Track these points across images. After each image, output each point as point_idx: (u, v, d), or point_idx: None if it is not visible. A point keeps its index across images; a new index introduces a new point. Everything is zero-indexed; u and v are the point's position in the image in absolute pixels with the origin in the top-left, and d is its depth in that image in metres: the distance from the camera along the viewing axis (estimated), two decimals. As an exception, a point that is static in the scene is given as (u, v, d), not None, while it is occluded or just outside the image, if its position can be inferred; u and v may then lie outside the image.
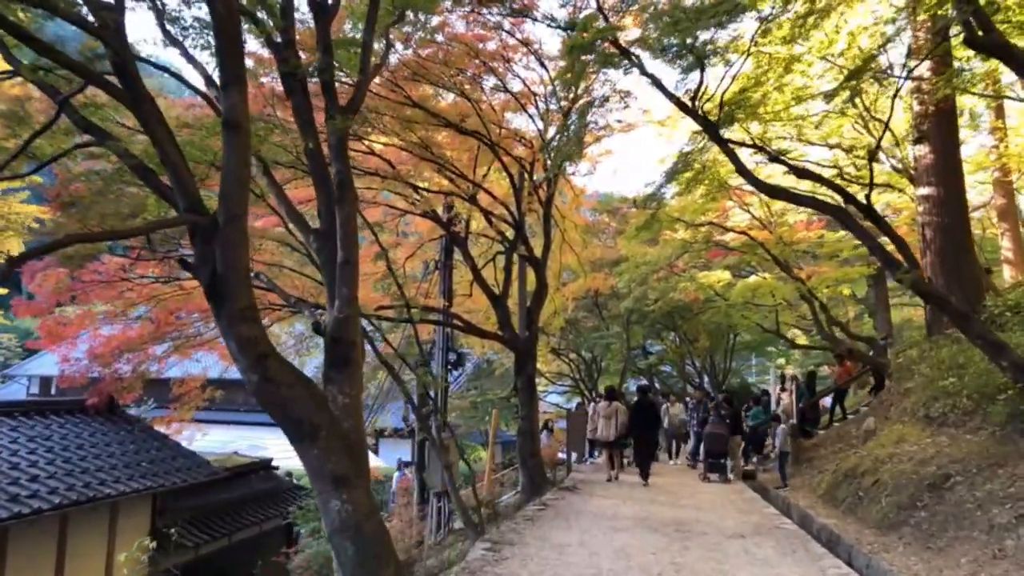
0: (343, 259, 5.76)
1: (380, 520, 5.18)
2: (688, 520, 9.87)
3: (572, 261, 18.26)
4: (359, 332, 5.76)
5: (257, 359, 4.69)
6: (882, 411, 14.93)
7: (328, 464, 4.87)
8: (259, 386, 4.76)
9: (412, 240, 17.06)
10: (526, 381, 13.11)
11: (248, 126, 4.75)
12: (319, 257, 6.08)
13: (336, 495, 4.83)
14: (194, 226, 4.65)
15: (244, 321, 4.67)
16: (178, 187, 4.57)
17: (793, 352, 37.75)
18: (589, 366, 26.12)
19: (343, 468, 4.91)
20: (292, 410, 4.83)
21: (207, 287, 4.62)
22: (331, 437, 4.91)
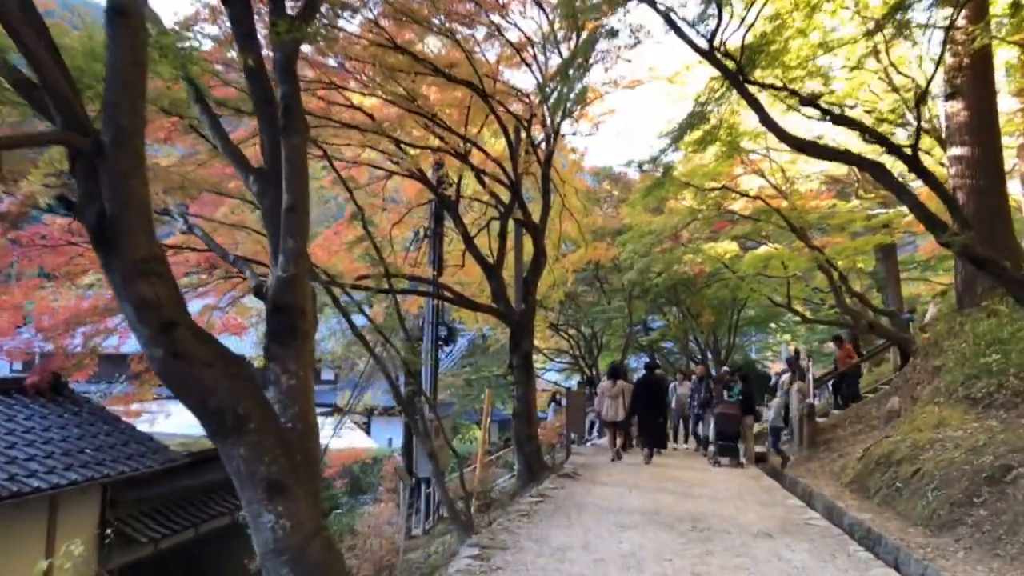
0: (289, 204, 4.56)
1: (329, 540, 4.03)
2: (704, 514, 8.75)
3: (572, 230, 17.04)
4: (309, 296, 4.57)
5: (161, 328, 3.52)
6: (907, 390, 13.82)
7: (260, 467, 3.70)
8: (165, 364, 3.59)
9: (401, 207, 15.81)
10: (522, 358, 11.95)
11: (141, 15, 3.53)
12: (261, 204, 4.88)
13: (270, 507, 3.68)
14: (72, 150, 3.44)
15: (144, 277, 3.48)
16: (48, 93, 3.36)
17: (797, 328, 36.83)
18: (589, 342, 24.97)
19: (280, 472, 3.74)
20: (211, 397, 3.66)
21: (92, 231, 3.43)
22: (264, 431, 3.74)
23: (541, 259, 12.38)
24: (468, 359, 25.77)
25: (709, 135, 11.38)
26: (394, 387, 8.64)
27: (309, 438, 4.35)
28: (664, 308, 28.16)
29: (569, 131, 15.42)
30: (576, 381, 26.02)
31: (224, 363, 3.74)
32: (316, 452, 4.38)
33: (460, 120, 12.79)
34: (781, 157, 18.55)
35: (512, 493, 11.96)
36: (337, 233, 15.11)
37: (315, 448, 4.36)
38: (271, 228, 4.71)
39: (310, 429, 4.40)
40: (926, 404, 11.38)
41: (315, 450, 4.35)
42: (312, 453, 4.31)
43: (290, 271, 4.43)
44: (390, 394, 24.30)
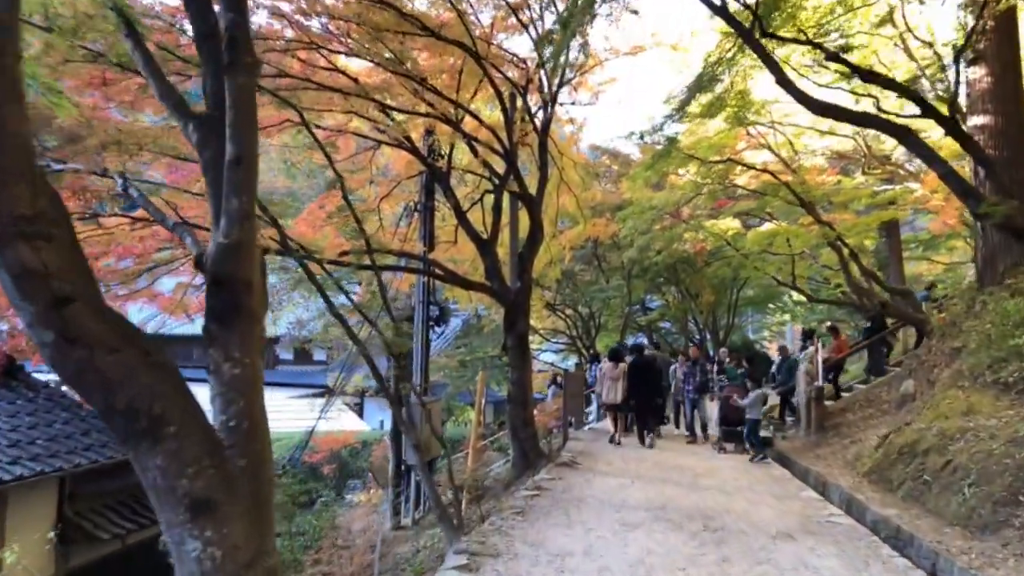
0: (233, 155, 3.75)
1: (274, 569, 3.25)
2: (716, 510, 8.03)
3: (570, 204, 16.21)
4: (257, 267, 3.77)
5: (51, 305, 2.73)
6: (923, 373, 13.09)
7: (180, 480, 2.91)
8: (57, 351, 2.80)
9: (390, 180, 14.95)
10: (517, 339, 11.19)
11: None
12: (201, 157, 4.05)
13: (194, 531, 2.90)
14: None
15: (26, 240, 2.69)
16: None
17: (796, 308, 36.17)
18: (587, 322, 24.20)
19: (208, 486, 2.96)
20: (117, 392, 2.87)
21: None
22: (187, 435, 2.96)
23: (538, 234, 11.58)
24: (462, 340, 24.99)
25: (719, 100, 10.58)
26: (375, 371, 7.86)
27: (256, 439, 3.57)
28: (663, 288, 27.42)
29: (567, 100, 14.51)
30: (573, 362, 25.24)
31: (135, 349, 2.95)
32: (265, 454, 3.59)
33: (451, 86, 11.94)
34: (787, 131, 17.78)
35: (507, 482, 11.26)
36: (323, 207, 14.30)
37: (263, 450, 3.57)
38: (212, 185, 3.90)
39: (257, 428, 3.62)
40: (947, 388, 10.65)
41: (263, 452, 3.57)
42: (260, 457, 3.53)
43: (233, 236, 3.63)
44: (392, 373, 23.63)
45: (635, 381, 13.70)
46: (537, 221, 11.47)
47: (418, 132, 13.85)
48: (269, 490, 3.68)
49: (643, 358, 14.31)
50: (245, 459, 3.50)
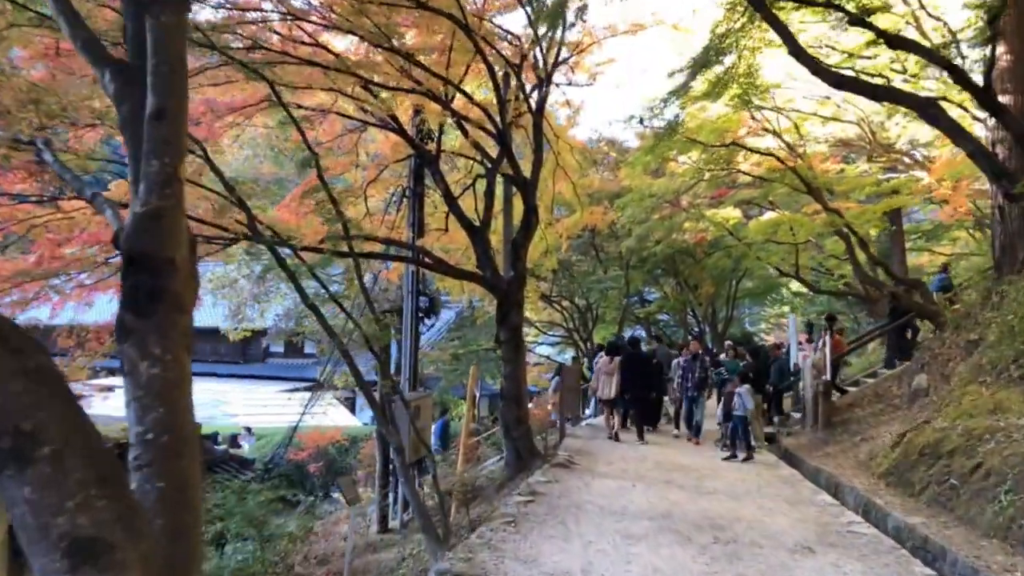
0: (155, 108, 3.09)
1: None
2: (725, 517, 7.38)
3: (566, 191, 15.51)
4: (184, 243, 3.09)
5: None
6: (936, 367, 12.46)
7: (58, 517, 2.25)
8: None
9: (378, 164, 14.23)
10: (510, 332, 10.51)
11: None
12: (119, 111, 3.36)
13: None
14: None
15: None
16: None
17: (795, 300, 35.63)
18: (584, 314, 23.53)
19: (96, 523, 2.29)
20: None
21: None
22: (69, 458, 2.29)
23: (532, 219, 10.89)
24: (456, 332, 24.31)
25: (726, 76, 9.89)
26: (352, 366, 7.20)
27: (180, 455, 2.89)
28: (661, 279, 26.79)
29: (564, 81, 13.79)
30: (570, 355, 24.54)
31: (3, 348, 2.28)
32: (191, 475, 2.91)
33: (441, 64, 11.23)
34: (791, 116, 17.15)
35: (499, 483, 10.61)
36: (307, 194, 13.59)
37: (189, 470, 2.89)
38: (131, 144, 3.22)
39: (182, 442, 2.93)
40: (966, 383, 10.02)
41: (189, 473, 2.89)
42: (184, 479, 2.85)
43: (152, 204, 2.95)
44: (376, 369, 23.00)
45: (629, 375, 13.21)
46: (532, 206, 10.79)
47: (406, 113, 13.18)
48: (194, 519, 3.00)
49: (637, 351, 13.87)
50: (163, 481, 2.83)
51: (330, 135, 13.50)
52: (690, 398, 13.33)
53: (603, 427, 14.88)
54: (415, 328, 13.28)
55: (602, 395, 13.84)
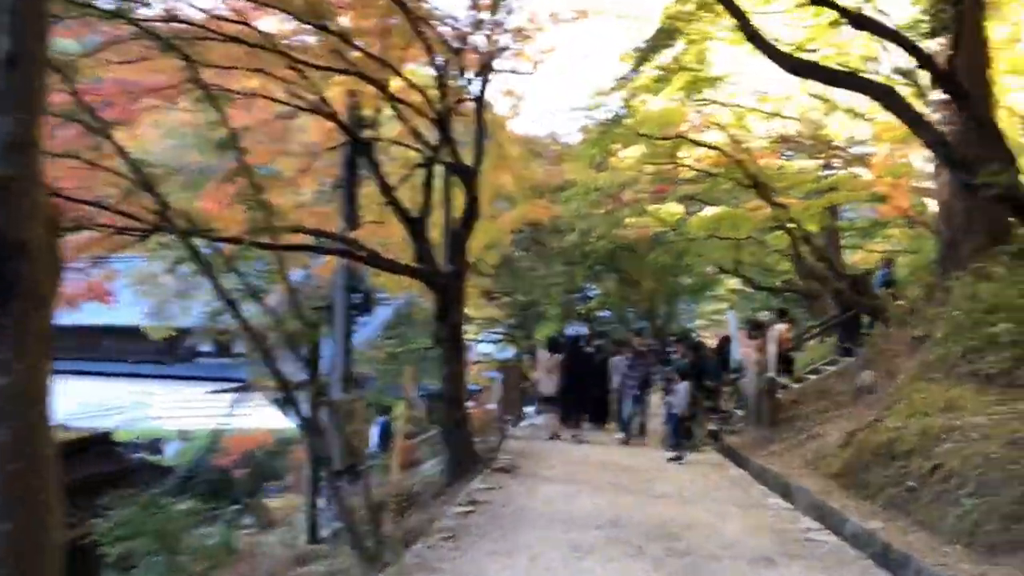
0: (8, 53, 2.45)
1: None
2: (677, 523, 6.96)
3: (509, 184, 14.99)
4: (38, 222, 2.45)
5: None
6: (882, 364, 12.37)
7: None
8: None
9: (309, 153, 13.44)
10: (450, 330, 9.93)
11: None
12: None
13: None
14: None
15: None
16: None
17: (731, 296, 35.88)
18: (526, 311, 23.06)
19: None
20: None
21: None
22: None
23: (474, 209, 10.33)
24: (393, 330, 23.53)
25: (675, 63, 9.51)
26: (274, 368, 6.56)
27: (36, 478, 2.27)
28: (602, 275, 26.52)
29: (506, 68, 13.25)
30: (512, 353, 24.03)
31: None
32: (48, 514, 2.29)
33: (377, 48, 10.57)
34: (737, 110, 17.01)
35: (437, 490, 10.01)
36: (234, 182, 12.74)
37: (44, 508, 2.27)
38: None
39: (38, 463, 2.31)
40: (915, 380, 9.85)
41: (45, 511, 2.27)
42: (39, 519, 2.23)
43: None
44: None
45: (572, 372, 13.04)
46: (473, 195, 10.23)
47: (340, 100, 12.48)
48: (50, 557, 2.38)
49: (577, 349, 13.84)
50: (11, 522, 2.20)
51: (258, 121, 12.69)
52: (633, 397, 12.85)
53: (545, 427, 14.50)
54: (347, 326, 12.58)
55: (543, 392, 13.53)
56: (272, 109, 12.63)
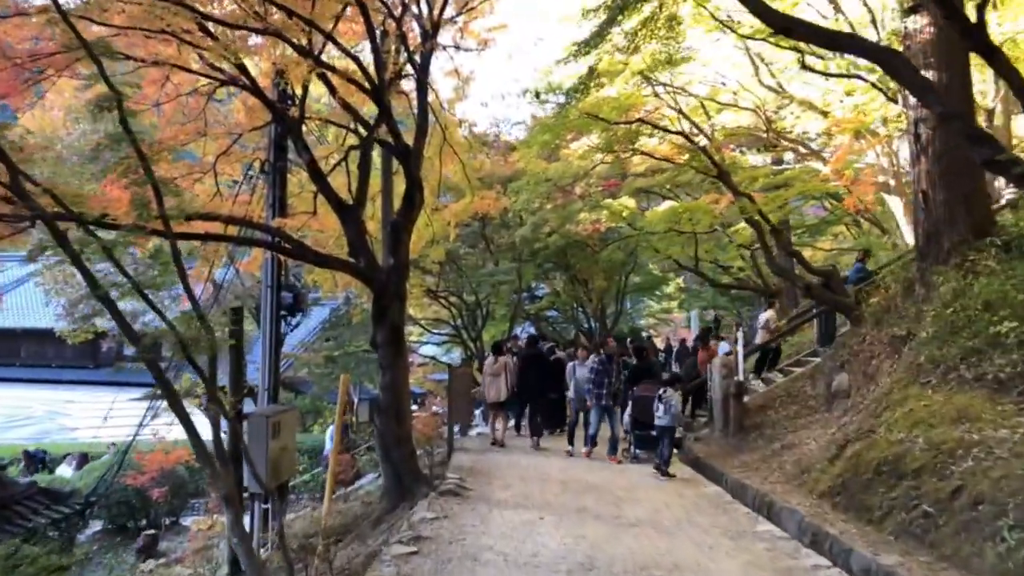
0: None
1: None
2: (661, 564, 5.84)
3: (455, 173, 13.72)
4: None
5: None
6: (858, 365, 11.53)
7: None
8: None
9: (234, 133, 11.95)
10: (390, 333, 8.63)
11: None
12: None
13: None
14: None
15: None
16: None
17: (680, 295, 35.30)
18: (473, 311, 21.80)
19: None
20: None
21: None
22: None
23: (416, 196, 9.04)
24: (330, 331, 22.02)
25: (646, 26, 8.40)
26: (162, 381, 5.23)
27: None
28: (550, 273, 25.42)
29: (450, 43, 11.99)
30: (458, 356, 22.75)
31: None
32: None
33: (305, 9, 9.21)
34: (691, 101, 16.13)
35: (376, 517, 8.73)
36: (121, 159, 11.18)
37: None
38: None
39: None
40: (906, 385, 8.96)
41: None
42: None
43: None
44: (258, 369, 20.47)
45: (528, 375, 12.20)
46: (415, 180, 8.95)
47: (267, 78, 11.11)
48: None
49: (534, 351, 12.97)
50: None
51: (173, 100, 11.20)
52: (603, 408, 11.21)
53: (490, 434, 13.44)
54: (275, 329, 11.17)
55: (489, 398, 12.57)
56: (188, 83, 11.17)
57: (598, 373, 11.09)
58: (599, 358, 11.52)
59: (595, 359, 11.49)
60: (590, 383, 11.05)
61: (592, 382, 11.04)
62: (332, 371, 20.47)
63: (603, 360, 11.42)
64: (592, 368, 11.20)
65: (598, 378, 11.06)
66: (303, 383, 23.19)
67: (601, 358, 11.50)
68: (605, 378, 11.07)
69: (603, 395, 10.97)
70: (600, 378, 11.04)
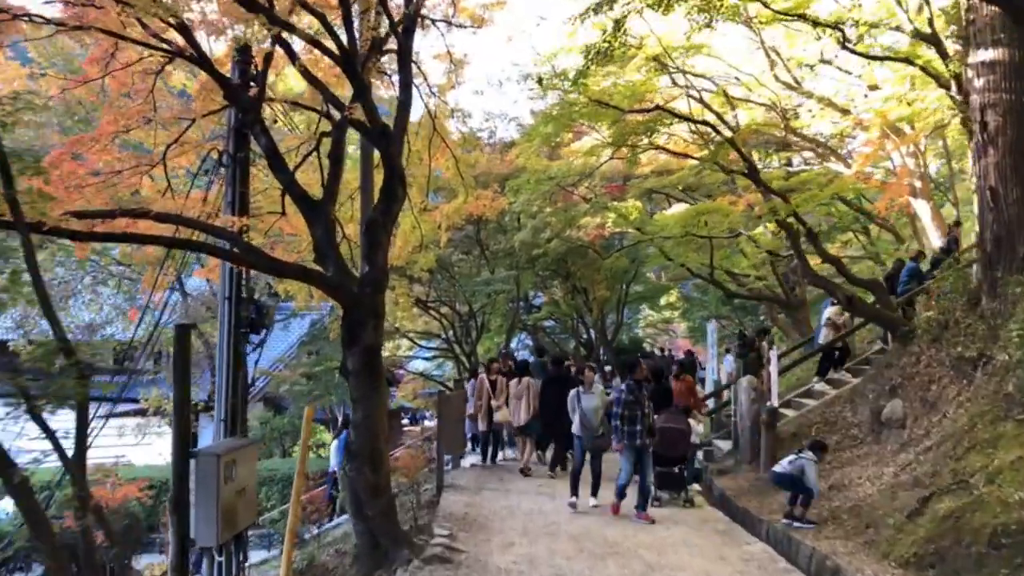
0: None
1: None
2: None
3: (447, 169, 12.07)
4: None
5: None
6: (914, 391, 9.95)
7: None
8: None
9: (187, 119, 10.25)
10: (364, 357, 6.93)
11: None
12: None
13: None
14: None
15: None
16: None
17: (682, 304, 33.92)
18: (466, 322, 20.09)
19: None
20: None
21: None
22: None
23: (397, 188, 7.35)
24: (310, 345, 20.29)
25: None
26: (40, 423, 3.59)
27: None
28: (548, 282, 23.77)
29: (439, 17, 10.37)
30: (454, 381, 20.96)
31: None
32: None
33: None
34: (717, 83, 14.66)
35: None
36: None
37: None
38: None
39: None
40: (992, 421, 7.38)
41: None
42: None
43: None
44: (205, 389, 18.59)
45: (550, 399, 10.76)
46: (395, 168, 7.29)
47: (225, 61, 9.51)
48: None
49: (561, 371, 11.61)
50: None
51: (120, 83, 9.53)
52: (636, 449, 8.69)
53: (487, 468, 12.03)
54: (236, 348, 9.44)
55: (514, 421, 11.41)
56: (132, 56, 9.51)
57: (628, 405, 8.62)
58: (627, 384, 8.92)
59: (622, 385, 9.15)
60: (617, 418, 8.67)
61: (621, 416, 8.64)
62: (312, 389, 18.75)
63: (632, 387, 8.79)
64: (619, 398, 8.74)
65: (629, 411, 8.62)
66: (285, 399, 21.49)
67: (629, 384, 8.87)
68: (638, 410, 8.63)
69: (637, 433, 8.59)
70: (632, 411, 8.62)
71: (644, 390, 8.88)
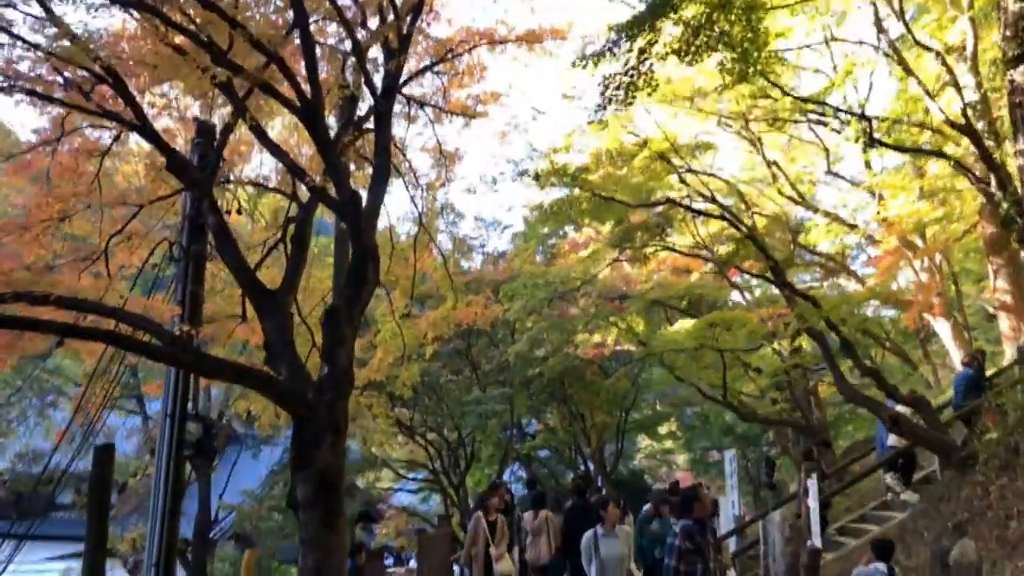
0: None
1: None
2: None
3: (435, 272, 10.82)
4: None
5: None
6: (987, 529, 8.32)
7: None
8: None
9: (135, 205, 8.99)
10: (316, 485, 5.28)
11: None
12: None
13: None
14: None
15: None
16: None
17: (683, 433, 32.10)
18: (455, 450, 18.22)
19: None
20: None
21: None
22: None
23: (368, 270, 5.95)
24: (281, 476, 18.25)
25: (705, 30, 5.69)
26: None
27: None
28: (544, 408, 22.10)
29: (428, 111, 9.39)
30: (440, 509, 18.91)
31: None
32: None
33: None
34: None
35: None
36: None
37: None
38: None
39: None
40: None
41: None
42: None
43: None
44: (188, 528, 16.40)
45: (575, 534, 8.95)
46: (366, 246, 5.92)
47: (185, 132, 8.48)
48: None
49: (584, 503, 9.89)
50: None
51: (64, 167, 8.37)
52: None
53: None
54: (173, 479, 7.75)
55: (527, 559, 9.77)
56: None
57: (685, 556, 6.47)
58: (684, 525, 6.69)
59: (676, 526, 6.90)
60: (671, 573, 6.53)
61: (675, 571, 6.51)
62: (283, 526, 16.67)
63: (692, 529, 6.60)
64: (672, 545, 6.64)
65: (687, 565, 6.44)
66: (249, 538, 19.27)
67: (687, 526, 6.64)
68: (698, 564, 6.47)
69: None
70: (690, 566, 6.45)
71: (708, 534, 6.92)
